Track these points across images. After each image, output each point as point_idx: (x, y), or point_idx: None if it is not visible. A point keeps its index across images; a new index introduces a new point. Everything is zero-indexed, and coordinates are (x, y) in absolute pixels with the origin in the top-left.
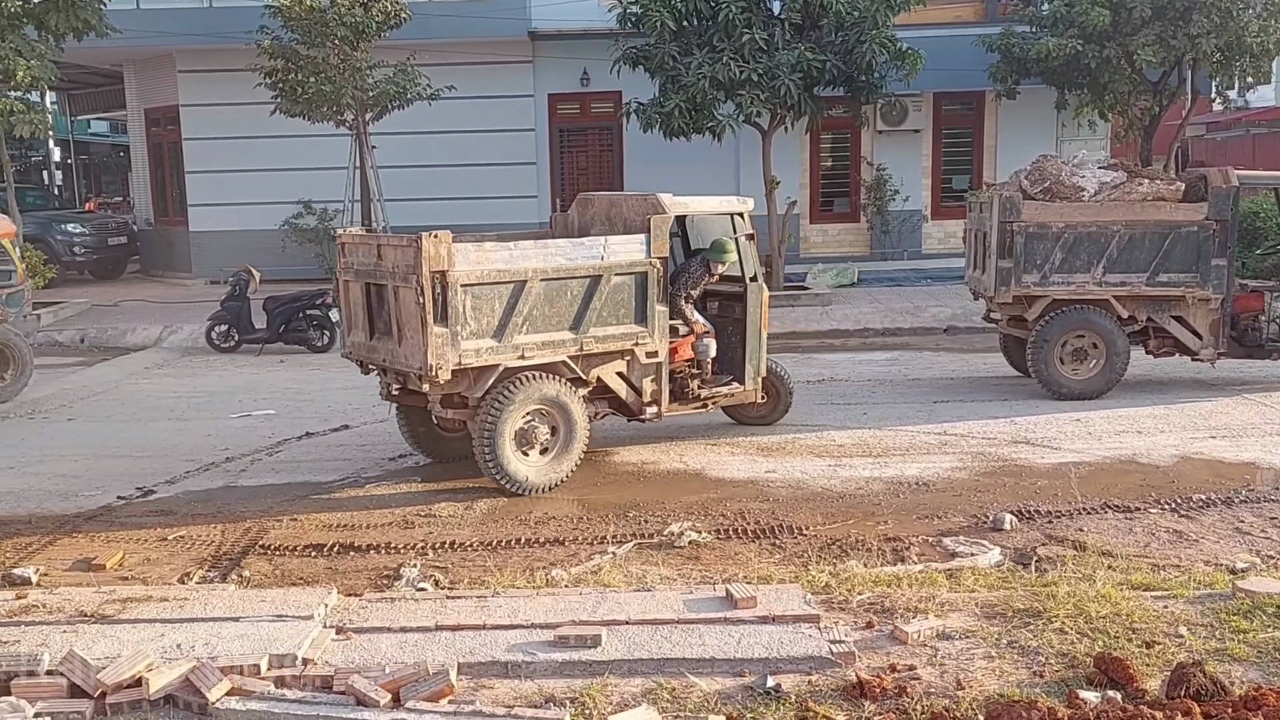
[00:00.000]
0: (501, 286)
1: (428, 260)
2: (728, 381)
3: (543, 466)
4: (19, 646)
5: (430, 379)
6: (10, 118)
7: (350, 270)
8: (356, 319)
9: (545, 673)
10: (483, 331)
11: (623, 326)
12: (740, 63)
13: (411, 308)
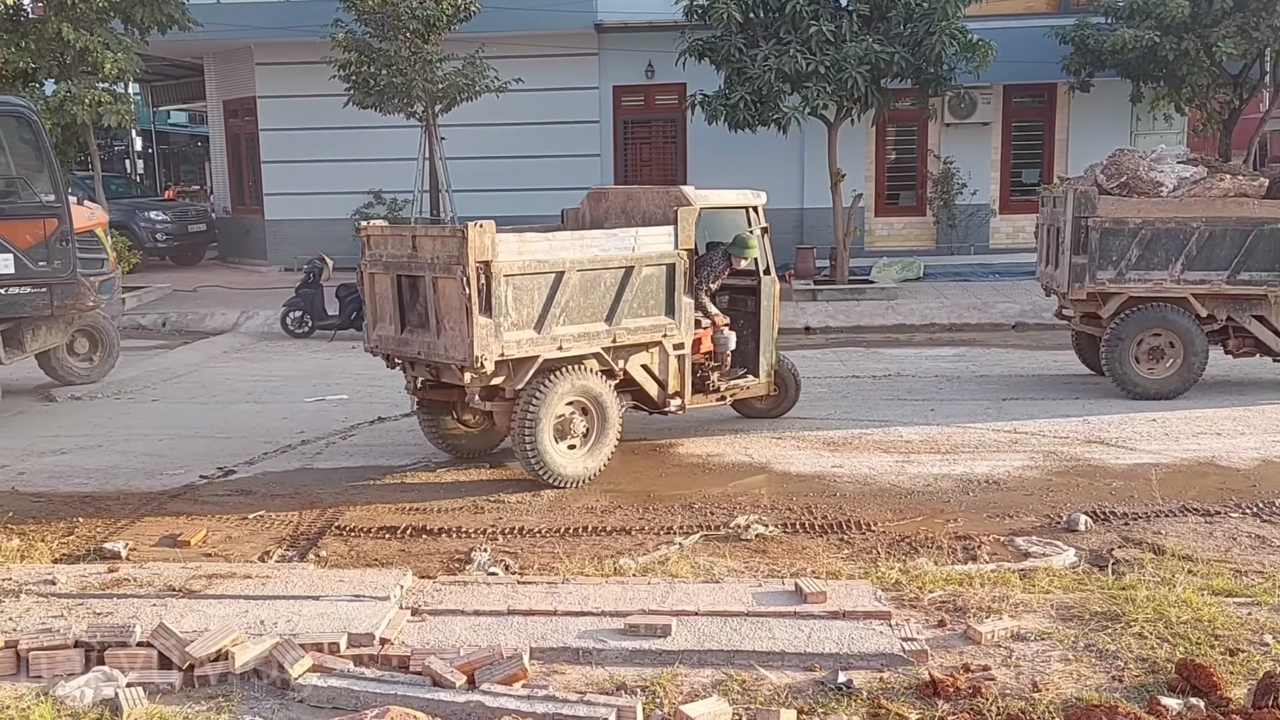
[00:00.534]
0: (541, 277)
1: (474, 250)
2: (743, 374)
3: (579, 458)
4: (112, 618)
5: (475, 370)
6: (98, 108)
7: (378, 263)
8: (384, 312)
9: (616, 660)
10: (523, 322)
11: (652, 318)
12: (807, 55)
13: (454, 299)
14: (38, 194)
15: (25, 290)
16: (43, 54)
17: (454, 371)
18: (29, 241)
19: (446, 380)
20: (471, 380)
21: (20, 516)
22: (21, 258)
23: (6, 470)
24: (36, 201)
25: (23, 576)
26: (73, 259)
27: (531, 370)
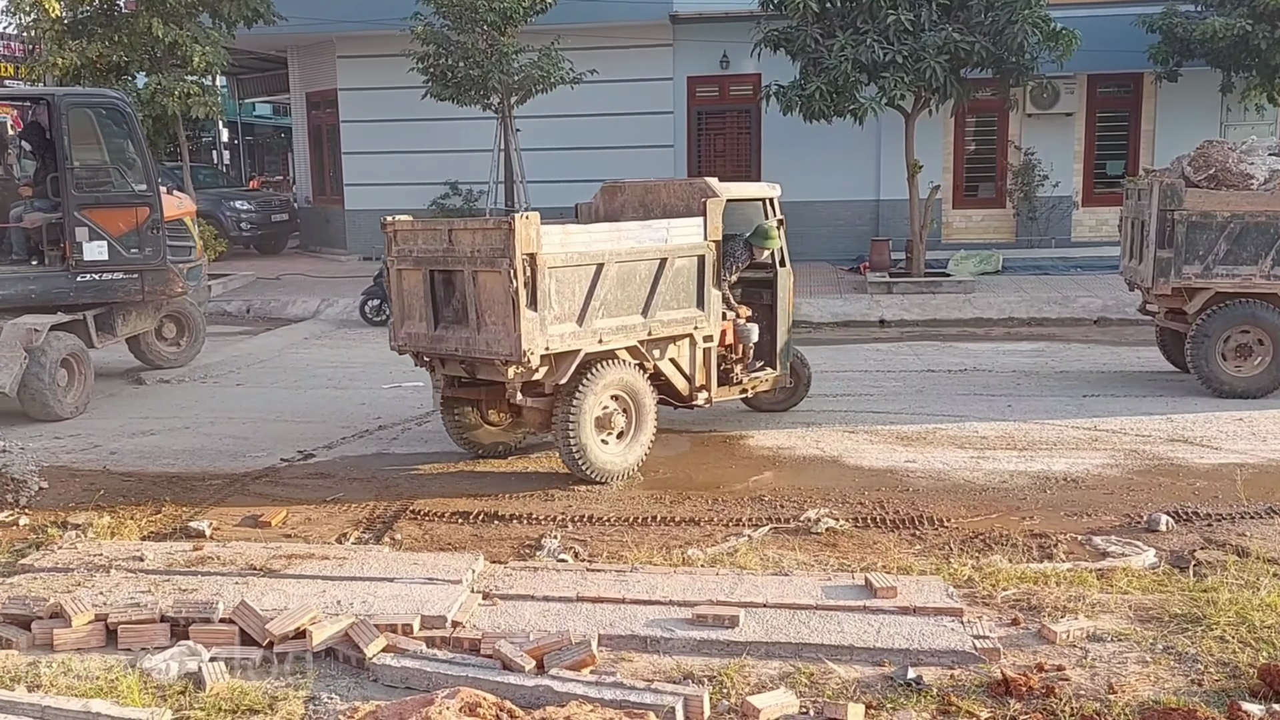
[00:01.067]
0: (582, 269)
1: (520, 242)
2: (761, 366)
3: (619, 453)
4: (196, 594)
5: (522, 365)
6: (187, 100)
7: (407, 258)
8: (413, 309)
9: (683, 650)
10: (566, 316)
11: (683, 310)
12: (885, 44)
13: (497, 292)
14: (130, 183)
15: (118, 276)
16: (134, 48)
17: (495, 367)
18: (122, 229)
19: (483, 377)
20: (515, 376)
21: (111, 495)
22: (115, 245)
23: (99, 450)
24: (129, 190)
25: (113, 552)
26: (163, 246)
27: (574, 364)
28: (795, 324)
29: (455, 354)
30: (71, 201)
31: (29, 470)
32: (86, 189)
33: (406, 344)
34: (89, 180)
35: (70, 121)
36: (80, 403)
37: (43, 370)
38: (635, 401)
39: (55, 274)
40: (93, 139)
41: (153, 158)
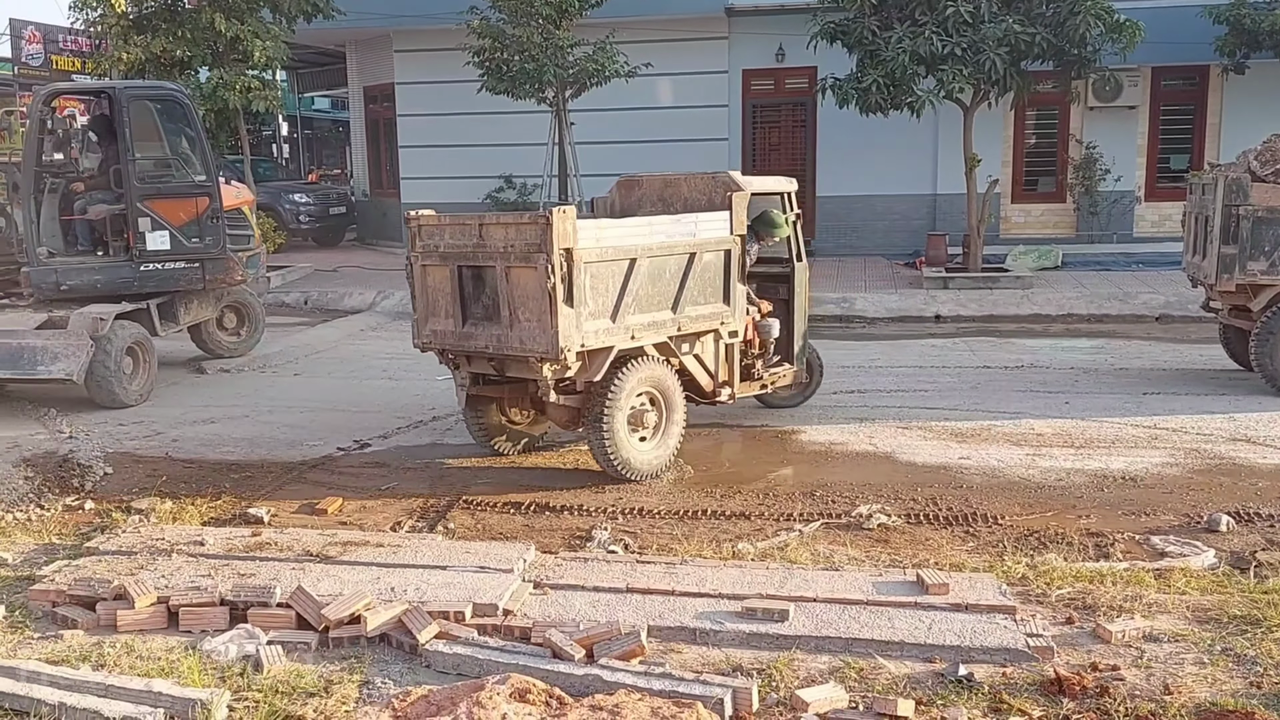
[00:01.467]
0: (616, 264)
1: (558, 237)
2: (779, 361)
3: (650, 451)
4: (254, 579)
5: (559, 362)
6: (248, 94)
7: (432, 253)
8: (438, 305)
9: (732, 642)
10: (600, 312)
11: (710, 306)
12: (944, 36)
13: (532, 288)
14: (190, 174)
15: (180, 265)
16: (197, 43)
17: (527, 365)
18: (183, 219)
19: (512, 374)
20: (549, 374)
21: (173, 481)
22: (176, 234)
23: (161, 437)
24: (189, 181)
25: (174, 537)
26: (223, 235)
27: (607, 361)
28: (839, 318)
29: (485, 351)
30: (134, 193)
31: (94, 456)
32: (148, 180)
33: (431, 341)
34: (150, 172)
35: (131, 114)
36: (144, 390)
37: (108, 358)
38: (665, 398)
39: (119, 264)
40: (153, 131)
41: (212, 149)
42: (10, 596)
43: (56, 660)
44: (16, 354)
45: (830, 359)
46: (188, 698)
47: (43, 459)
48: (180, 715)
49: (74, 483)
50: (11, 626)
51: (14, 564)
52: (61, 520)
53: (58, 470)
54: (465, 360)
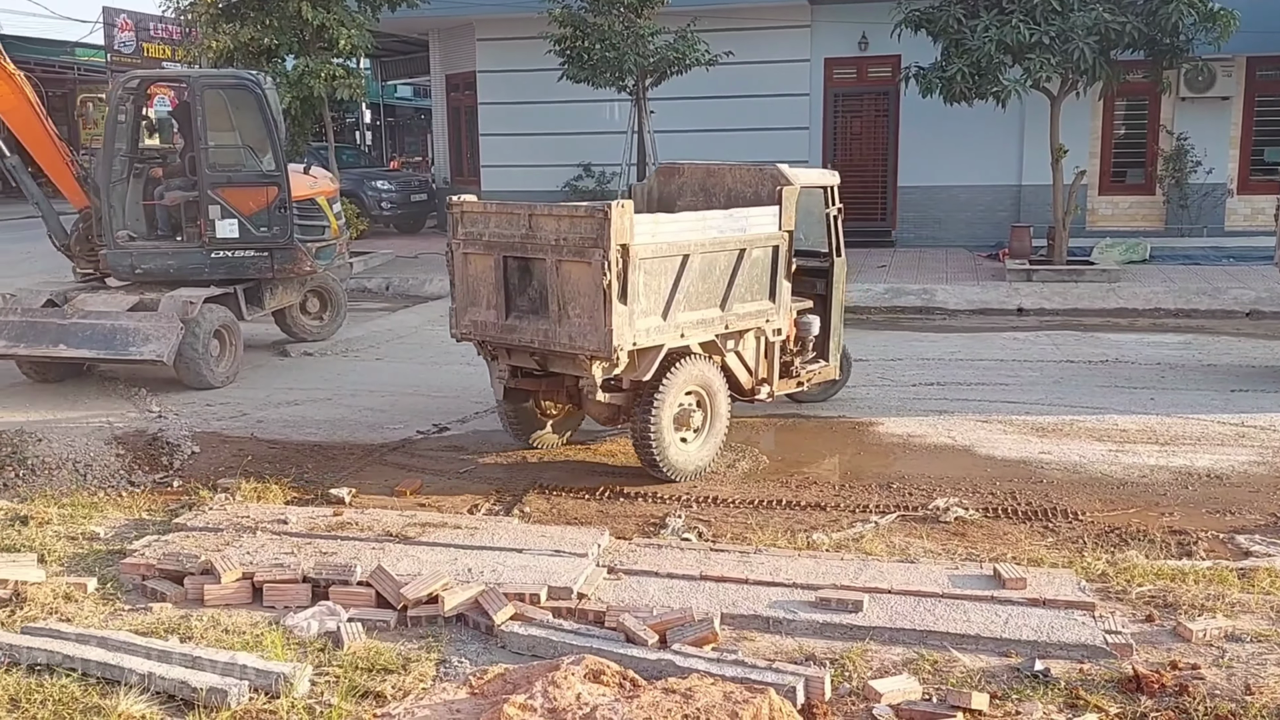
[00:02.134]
0: (669, 260)
1: (616, 233)
2: (814, 358)
3: (694, 451)
4: (336, 557)
5: (611, 361)
6: (333, 82)
7: (476, 242)
8: (480, 295)
9: (805, 632)
10: (652, 309)
11: (757, 303)
12: (1031, 25)
13: (585, 283)
14: (261, 164)
15: (249, 254)
16: (284, 31)
17: (575, 362)
18: (252, 208)
19: (556, 370)
20: (599, 372)
21: (257, 461)
22: (245, 223)
23: (247, 418)
24: (259, 171)
25: (259, 515)
26: (290, 225)
27: (657, 360)
28: (920, 310)
29: (530, 346)
30: (205, 180)
31: (183, 435)
32: (219, 169)
33: (470, 332)
34: (222, 160)
35: (204, 103)
36: (231, 372)
37: (197, 341)
38: (710, 398)
39: (192, 250)
40: (228, 120)
41: (283, 138)
42: (102, 569)
43: (146, 631)
44: (109, 335)
45: (910, 351)
46: (271, 671)
47: (133, 437)
48: (264, 688)
49: (163, 461)
50: (104, 598)
51: (105, 538)
52: (151, 497)
53: (148, 448)
54: (505, 353)
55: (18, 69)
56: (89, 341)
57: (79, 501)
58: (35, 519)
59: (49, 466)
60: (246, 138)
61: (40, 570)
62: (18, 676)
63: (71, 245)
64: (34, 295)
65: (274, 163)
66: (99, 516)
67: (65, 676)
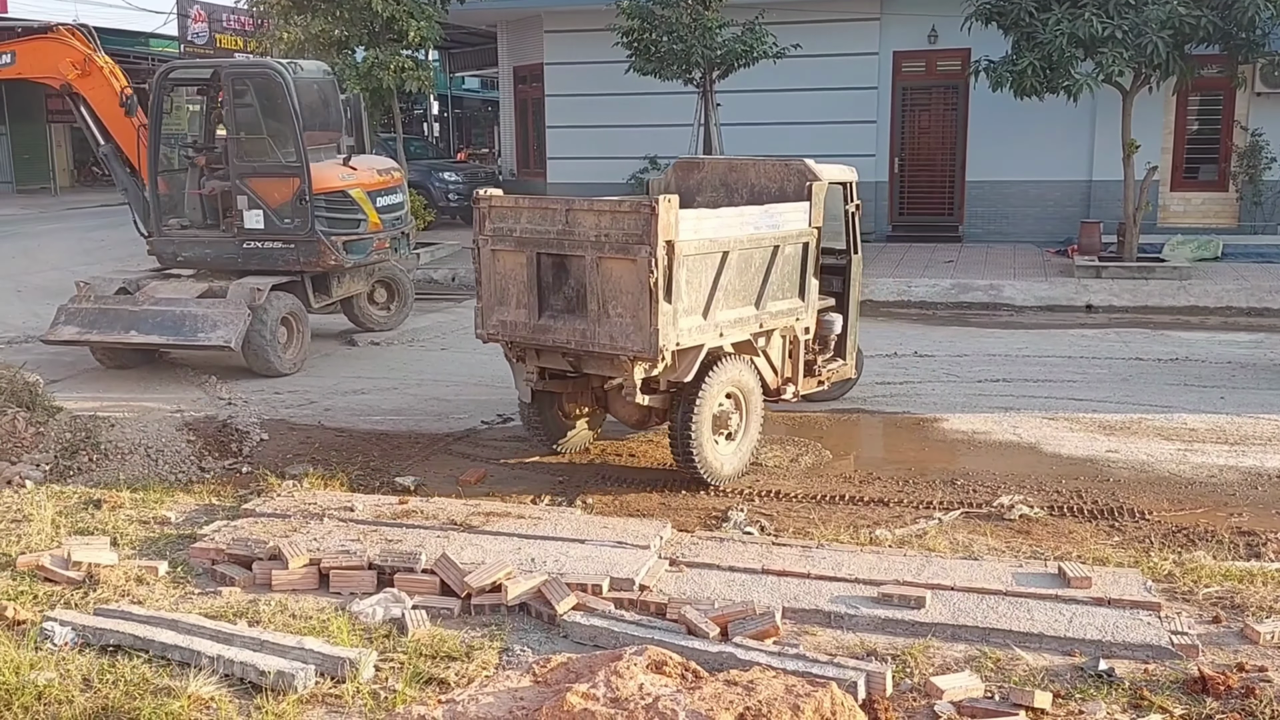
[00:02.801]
0: (709, 258)
1: (663, 229)
2: (833, 357)
3: (730, 454)
4: (401, 545)
5: (656, 362)
6: (402, 74)
7: (505, 238)
8: (508, 293)
9: (867, 627)
10: (693, 308)
11: (788, 301)
12: (1104, 19)
13: (628, 282)
14: (284, 154)
15: (276, 245)
16: (354, 23)
17: (614, 363)
18: (276, 200)
19: (591, 371)
20: (640, 373)
21: (324, 449)
22: (270, 214)
23: (314, 406)
24: (282, 162)
25: (326, 502)
26: (310, 218)
27: (698, 360)
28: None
29: (565, 346)
30: (234, 171)
31: (251, 423)
32: (247, 159)
33: (499, 333)
34: (250, 151)
35: (234, 93)
36: (298, 359)
37: (264, 327)
38: (746, 399)
39: (226, 240)
40: (255, 110)
41: (303, 129)
42: (173, 553)
43: (215, 615)
44: (179, 321)
45: (976, 347)
46: (337, 656)
47: (203, 423)
48: (329, 672)
49: (232, 447)
50: (174, 581)
51: (176, 522)
52: (220, 482)
53: (217, 435)
54: (535, 354)
55: (110, 61)
56: (159, 328)
57: (151, 486)
58: (108, 503)
59: (122, 451)
60: (272, 128)
61: (113, 553)
62: (91, 657)
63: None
64: (107, 283)
65: (294, 154)
66: (169, 501)
67: (136, 658)
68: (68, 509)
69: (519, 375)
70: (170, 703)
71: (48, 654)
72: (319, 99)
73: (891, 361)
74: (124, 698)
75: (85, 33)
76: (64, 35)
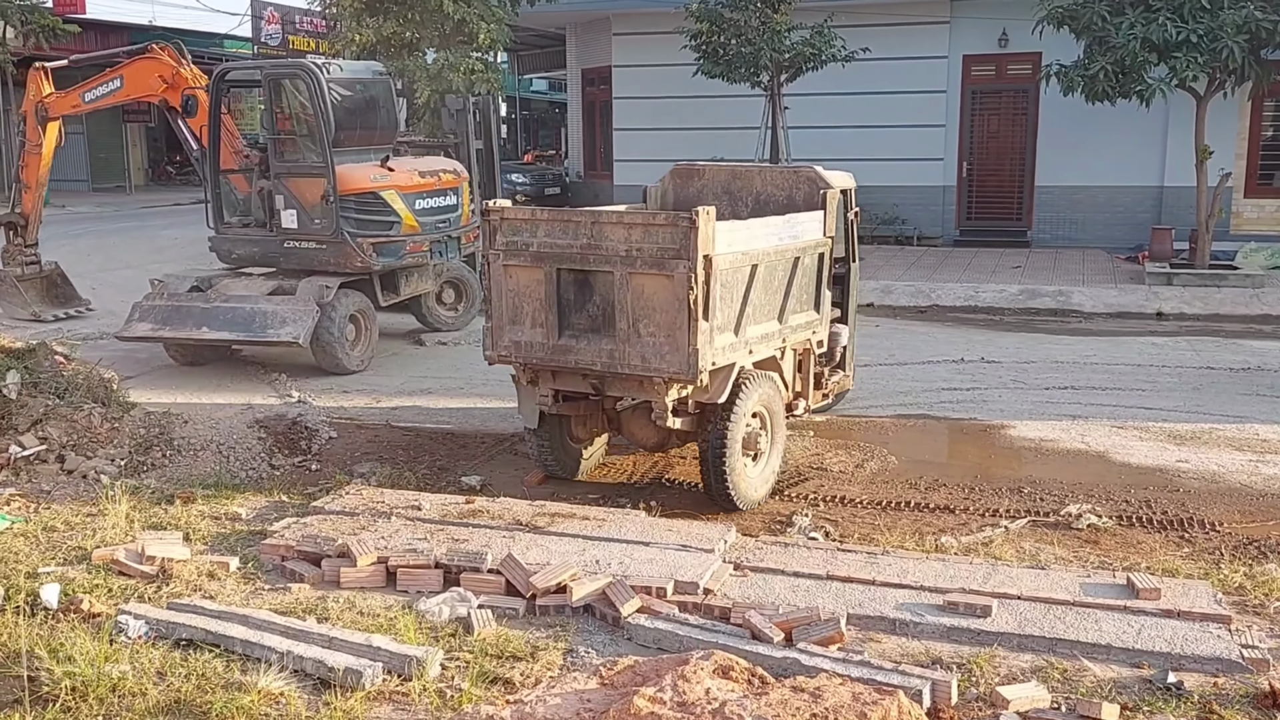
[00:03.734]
0: (740, 271)
1: (703, 242)
2: (835, 368)
3: (757, 476)
4: (467, 545)
5: (693, 383)
6: (471, 76)
7: (520, 252)
8: (523, 312)
9: (932, 635)
10: (726, 325)
11: (805, 314)
12: (1178, 23)
13: (663, 298)
14: (313, 155)
15: (309, 245)
16: (425, 25)
17: (646, 385)
18: (308, 200)
19: (614, 394)
20: (673, 395)
21: (392, 448)
22: (302, 214)
23: (382, 405)
24: (312, 162)
25: (393, 501)
26: (335, 218)
27: (730, 380)
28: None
29: (589, 368)
30: (272, 170)
31: (321, 421)
32: (284, 159)
33: (512, 353)
34: (285, 150)
35: (273, 93)
36: (365, 357)
37: (332, 324)
38: (772, 418)
39: (269, 238)
40: (293, 109)
41: (330, 129)
42: (244, 549)
43: (284, 611)
44: (249, 318)
45: (1044, 354)
46: (404, 654)
47: (274, 421)
48: (396, 670)
49: (302, 445)
50: (245, 577)
51: (247, 519)
52: (290, 479)
53: (287, 432)
54: (550, 376)
55: (197, 71)
56: (230, 325)
57: (222, 482)
58: (181, 498)
59: (194, 448)
60: (306, 128)
61: (185, 548)
62: (164, 650)
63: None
64: (180, 281)
65: (320, 155)
66: (240, 498)
67: (208, 652)
68: (142, 504)
69: (527, 400)
70: (241, 697)
71: (122, 647)
72: (363, 99)
73: (958, 367)
74: (195, 691)
75: (176, 48)
76: (157, 53)
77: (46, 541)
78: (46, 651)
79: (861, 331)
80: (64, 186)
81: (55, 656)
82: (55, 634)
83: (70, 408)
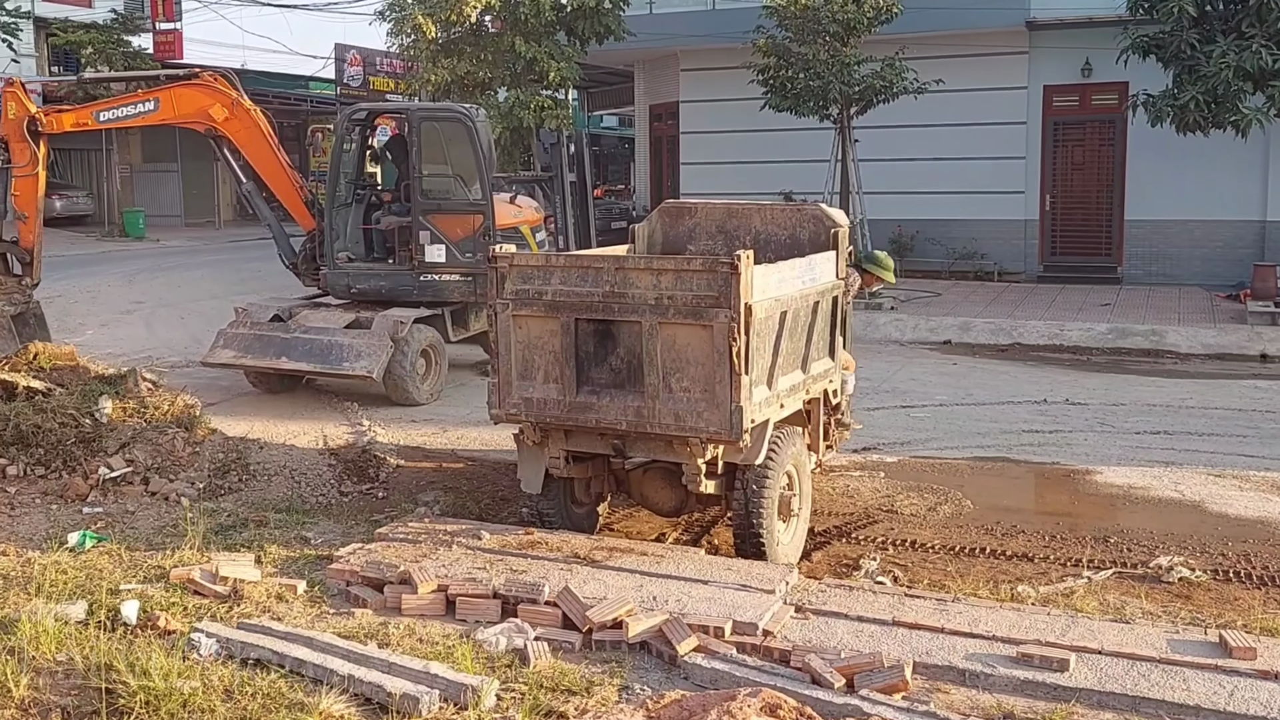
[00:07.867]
0: (772, 319)
1: (744, 289)
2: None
3: (788, 539)
4: (525, 576)
5: (735, 444)
6: (542, 113)
7: (532, 301)
8: (534, 366)
9: (1004, 688)
10: (760, 378)
11: (822, 362)
12: (1274, 50)
13: (699, 351)
14: (469, 193)
15: (454, 278)
16: (497, 65)
17: (678, 446)
18: (459, 235)
19: (637, 456)
20: (709, 457)
21: (456, 477)
22: (452, 248)
23: (447, 435)
24: (467, 200)
25: (455, 530)
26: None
27: (766, 437)
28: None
29: (613, 427)
30: (418, 207)
31: (388, 449)
32: (431, 196)
33: (522, 411)
34: (433, 188)
35: (420, 134)
36: (435, 390)
37: (405, 359)
38: (800, 477)
39: (402, 273)
40: (440, 151)
41: (491, 170)
42: (311, 572)
43: (348, 635)
44: (326, 350)
45: (1135, 396)
46: (461, 682)
47: (344, 449)
48: (453, 698)
49: (370, 472)
50: (311, 600)
51: (315, 543)
52: (357, 506)
53: (356, 460)
54: (564, 435)
55: (254, 103)
56: (308, 355)
57: (294, 507)
58: (254, 521)
59: (269, 472)
60: (457, 168)
61: (256, 570)
62: (233, 669)
63: (299, 264)
64: (262, 310)
65: (481, 192)
66: (309, 522)
67: (274, 672)
68: (218, 525)
69: (533, 462)
70: (303, 718)
71: (194, 663)
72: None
73: (1040, 408)
74: (261, 710)
75: (228, 79)
76: (209, 81)
77: (129, 560)
78: (124, 665)
79: (938, 369)
80: (160, 222)
81: (132, 670)
82: (133, 649)
83: (155, 431)
